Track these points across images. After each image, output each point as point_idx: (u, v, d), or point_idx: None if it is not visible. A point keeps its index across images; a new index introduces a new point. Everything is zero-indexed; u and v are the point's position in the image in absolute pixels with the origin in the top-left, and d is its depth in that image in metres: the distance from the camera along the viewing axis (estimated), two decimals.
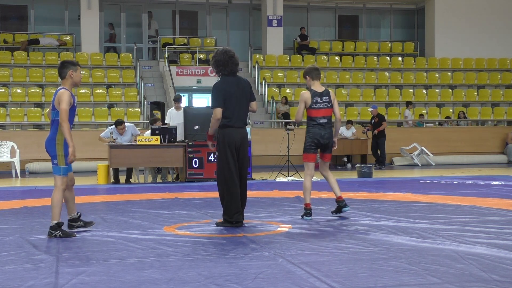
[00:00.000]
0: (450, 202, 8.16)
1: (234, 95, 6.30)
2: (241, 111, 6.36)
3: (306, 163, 6.88)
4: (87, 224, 6.01)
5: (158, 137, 12.05)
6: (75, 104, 5.89)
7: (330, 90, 7.02)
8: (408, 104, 20.00)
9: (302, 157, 7.03)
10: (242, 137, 6.36)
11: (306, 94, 6.86)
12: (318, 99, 6.83)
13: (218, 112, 6.21)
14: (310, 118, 6.92)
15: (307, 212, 6.75)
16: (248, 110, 6.51)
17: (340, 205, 6.91)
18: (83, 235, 5.83)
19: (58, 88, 5.88)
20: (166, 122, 13.01)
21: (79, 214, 6.04)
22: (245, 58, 22.63)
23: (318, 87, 6.91)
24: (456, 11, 23.32)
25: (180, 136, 12.56)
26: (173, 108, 13.33)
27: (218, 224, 6.34)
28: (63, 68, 5.85)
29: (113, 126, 12.43)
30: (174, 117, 13.01)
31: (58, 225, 5.74)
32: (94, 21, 20.90)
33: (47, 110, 5.69)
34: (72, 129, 5.87)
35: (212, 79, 20.85)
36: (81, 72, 5.93)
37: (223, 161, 6.29)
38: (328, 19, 24.73)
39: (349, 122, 17.90)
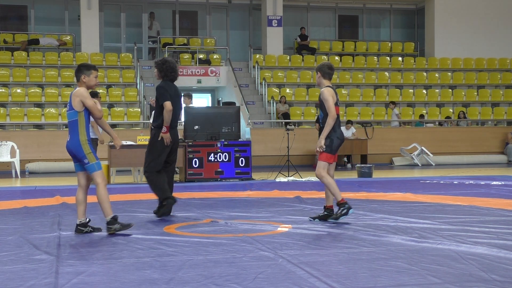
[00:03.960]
0: (450, 202, 8.16)
1: (173, 98, 7.19)
2: (177, 113, 7.29)
3: (328, 164, 6.42)
4: (95, 230, 5.92)
5: None
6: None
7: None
8: (392, 103, 19.89)
9: (323, 157, 6.39)
10: (177, 136, 7.32)
11: (330, 90, 6.46)
12: (337, 96, 6.55)
13: (169, 104, 7.09)
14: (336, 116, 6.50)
15: (348, 206, 6.40)
16: (180, 113, 7.56)
17: (329, 214, 6.59)
18: (82, 235, 5.83)
19: (76, 88, 5.92)
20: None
21: (88, 219, 5.98)
22: (245, 58, 22.64)
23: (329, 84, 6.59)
24: (456, 11, 23.32)
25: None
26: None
27: (156, 212, 7.18)
28: (78, 72, 5.91)
29: None
30: None
31: (115, 219, 5.77)
32: (94, 21, 20.90)
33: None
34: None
35: (212, 79, 20.89)
36: (96, 76, 5.92)
37: (156, 154, 7.18)
38: (328, 19, 24.73)
39: (349, 122, 17.91)
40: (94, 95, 12.12)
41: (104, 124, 6.17)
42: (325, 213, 6.59)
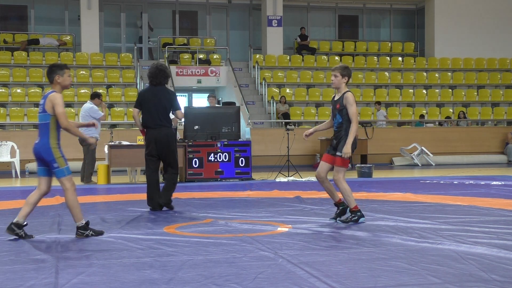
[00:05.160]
0: (450, 202, 8.16)
1: (150, 101, 7.76)
2: (155, 115, 7.73)
3: (345, 169, 6.44)
4: (26, 236, 5.63)
5: None
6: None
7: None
8: (377, 104, 19.86)
9: (340, 162, 6.36)
10: (159, 136, 7.73)
11: (353, 95, 6.46)
12: None
13: (133, 110, 8.05)
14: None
15: (360, 214, 6.44)
16: (164, 114, 7.78)
17: (344, 207, 6.62)
18: None
19: (49, 91, 5.69)
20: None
21: (26, 223, 5.72)
22: (245, 58, 22.65)
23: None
24: (456, 11, 23.33)
25: None
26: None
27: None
28: (50, 73, 5.70)
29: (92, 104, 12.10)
30: None
31: (87, 224, 5.72)
32: (94, 21, 20.90)
33: None
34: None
35: (212, 79, 20.89)
36: (69, 75, 5.74)
37: (145, 154, 7.86)
38: (328, 19, 24.74)
39: None
40: (96, 96, 12.14)
41: (72, 128, 5.80)
42: (340, 207, 6.58)
